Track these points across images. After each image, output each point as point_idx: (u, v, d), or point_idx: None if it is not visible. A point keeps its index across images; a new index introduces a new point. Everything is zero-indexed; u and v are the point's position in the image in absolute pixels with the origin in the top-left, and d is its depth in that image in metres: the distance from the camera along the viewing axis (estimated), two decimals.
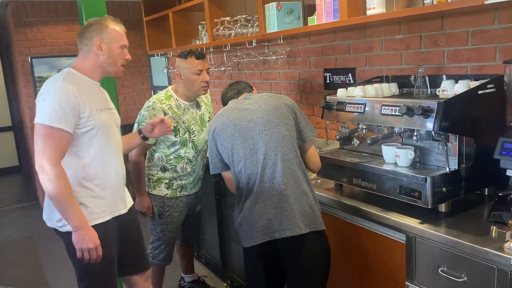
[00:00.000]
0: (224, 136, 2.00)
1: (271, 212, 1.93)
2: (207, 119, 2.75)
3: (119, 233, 2.14)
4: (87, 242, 1.91)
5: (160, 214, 2.70)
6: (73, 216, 1.90)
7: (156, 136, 2.43)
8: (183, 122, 2.61)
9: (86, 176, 2.00)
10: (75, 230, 1.91)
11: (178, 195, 2.73)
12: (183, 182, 2.72)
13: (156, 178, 2.69)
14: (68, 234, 1.98)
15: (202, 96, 2.78)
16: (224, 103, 2.23)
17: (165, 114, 2.54)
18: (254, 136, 1.97)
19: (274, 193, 1.93)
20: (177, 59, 2.63)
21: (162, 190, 2.69)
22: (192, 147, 2.65)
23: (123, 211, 2.17)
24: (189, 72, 2.55)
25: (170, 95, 2.63)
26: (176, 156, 2.64)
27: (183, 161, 2.65)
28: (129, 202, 2.26)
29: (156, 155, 2.66)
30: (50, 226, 2.10)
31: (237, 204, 2.06)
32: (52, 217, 2.05)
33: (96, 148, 2.01)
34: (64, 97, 1.89)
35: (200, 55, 2.57)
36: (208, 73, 2.60)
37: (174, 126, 2.55)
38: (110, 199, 2.09)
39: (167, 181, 2.68)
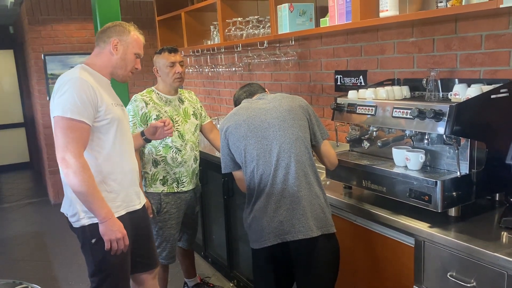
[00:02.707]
0: (237, 135, 2.00)
1: (283, 214, 1.92)
2: (191, 112, 2.84)
3: (133, 230, 2.12)
4: (115, 232, 1.92)
5: (158, 211, 2.72)
6: (99, 207, 1.89)
7: (158, 139, 2.51)
8: (165, 112, 2.71)
9: (102, 171, 1.99)
10: (103, 221, 1.90)
11: (175, 190, 2.75)
12: (176, 175, 2.74)
13: (150, 175, 2.73)
14: (83, 228, 1.99)
15: (186, 94, 2.90)
16: (238, 100, 2.22)
17: (146, 104, 2.68)
18: (268, 136, 1.95)
19: (286, 194, 1.92)
20: (154, 56, 2.79)
21: (158, 187, 2.72)
22: (178, 136, 2.71)
23: (138, 206, 2.17)
24: (163, 65, 2.71)
25: (151, 90, 2.79)
26: (164, 146, 2.69)
27: (172, 150, 2.70)
28: (143, 198, 2.26)
29: (146, 149, 2.72)
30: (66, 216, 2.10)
31: (247, 205, 2.05)
32: (68, 211, 2.05)
33: (112, 143, 2.02)
34: (83, 90, 1.89)
35: (172, 49, 2.74)
36: (181, 65, 2.75)
37: (156, 115, 2.67)
38: (126, 194, 2.08)
39: (161, 177, 2.71)
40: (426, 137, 1.92)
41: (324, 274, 1.98)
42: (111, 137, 2.01)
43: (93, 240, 1.99)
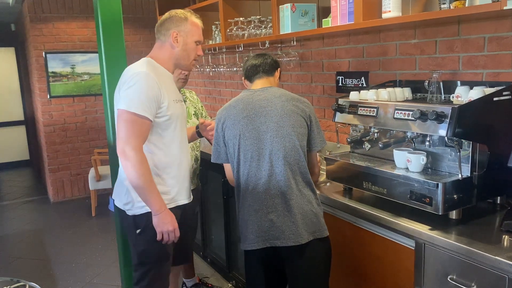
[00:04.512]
0: (233, 132, 1.97)
1: (273, 220, 1.91)
2: (193, 112, 2.85)
3: (180, 221, 2.13)
4: (167, 224, 1.97)
5: None
6: (154, 200, 1.95)
7: (207, 137, 2.50)
8: None
9: (158, 165, 2.04)
10: (157, 213, 1.96)
11: None
12: None
13: None
14: (134, 218, 2.05)
15: (187, 94, 2.90)
16: (245, 71, 2.12)
17: None
18: (265, 140, 1.92)
19: (278, 201, 1.91)
20: None
21: None
22: None
23: (187, 200, 2.20)
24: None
25: None
26: None
27: None
28: (191, 195, 2.28)
29: None
30: (118, 207, 2.15)
31: (237, 201, 2.05)
32: (121, 199, 2.10)
33: (170, 138, 2.07)
34: (149, 86, 1.93)
35: None
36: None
37: None
38: (178, 189, 2.12)
39: None
40: (428, 139, 1.92)
41: (317, 276, 1.99)
42: (170, 133, 2.06)
43: (138, 231, 2.06)
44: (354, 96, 2.23)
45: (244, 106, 1.98)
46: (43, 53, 5.52)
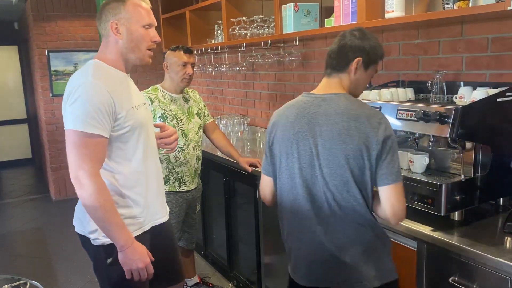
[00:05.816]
0: (280, 148, 1.62)
1: (328, 260, 1.56)
2: (195, 112, 2.84)
3: (157, 243, 1.87)
4: (136, 261, 1.66)
5: None
6: (118, 234, 1.63)
7: (160, 145, 2.08)
8: (170, 110, 2.70)
9: (125, 184, 1.73)
10: (122, 249, 1.65)
11: (177, 190, 2.74)
12: (179, 175, 2.73)
13: None
14: (102, 247, 1.75)
15: (190, 93, 2.89)
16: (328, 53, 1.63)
17: (152, 102, 2.66)
18: (315, 167, 1.52)
19: (328, 238, 1.55)
20: (167, 51, 2.77)
21: None
22: (182, 135, 2.70)
23: (163, 220, 1.92)
24: (175, 63, 2.70)
25: (156, 88, 2.78)
26: None
27: (175, 149, 2.66)
28: (167, 208, 2.01)
29: None
30: (81, 234, 1.84)
31: (280, 223, 1.72)
32: (85, 226, 1.77)
33: (134, 151, 1.75)
34: (97, 97, 1.60)
35: (188, 50, 2.73)
36: (192, 67, 2.74)
37: (161, 113, 2.67)
38: (151, 207, 1.84)
39: (163, 176, 2.69)
40: (430, 140, 1.91)
41: None
42: (133, 145, 1.74)
43: (109, 260, 1.74)
44: None
45: (295, 118, 1.57)
46: (46, 52, 5.52)
